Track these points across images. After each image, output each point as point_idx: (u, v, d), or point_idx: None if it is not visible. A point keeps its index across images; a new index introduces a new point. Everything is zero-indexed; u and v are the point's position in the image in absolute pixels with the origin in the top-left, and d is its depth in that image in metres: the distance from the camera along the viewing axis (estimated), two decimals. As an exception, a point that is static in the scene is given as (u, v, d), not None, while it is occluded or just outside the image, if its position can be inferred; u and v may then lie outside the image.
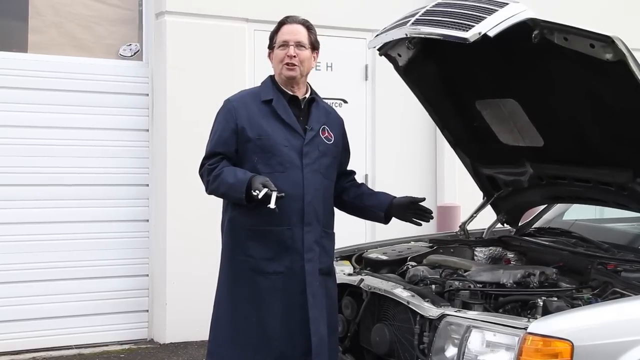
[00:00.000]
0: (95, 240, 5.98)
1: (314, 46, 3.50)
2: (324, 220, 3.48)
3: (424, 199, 3.65)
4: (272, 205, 3.15)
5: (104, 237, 6.01)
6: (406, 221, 3.67)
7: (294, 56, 3.42)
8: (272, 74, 3.56)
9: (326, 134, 3.51)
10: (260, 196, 3.15)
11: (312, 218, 3.40)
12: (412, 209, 3.64)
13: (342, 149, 3.64)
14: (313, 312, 3.36)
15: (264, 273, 3.37)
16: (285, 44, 3.43)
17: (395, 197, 3.67)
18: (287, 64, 3.42)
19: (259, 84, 3.61)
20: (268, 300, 3.36)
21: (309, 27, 3.50)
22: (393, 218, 3.68)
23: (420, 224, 3.69)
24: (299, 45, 3.44)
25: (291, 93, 3.48)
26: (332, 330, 3.49)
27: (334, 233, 3.57)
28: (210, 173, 3.38)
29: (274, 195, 3.16)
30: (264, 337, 3.35)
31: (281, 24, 3.49)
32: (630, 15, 7.60)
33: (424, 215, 3.64)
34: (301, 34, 3.45)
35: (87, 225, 5.96)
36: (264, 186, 3.18)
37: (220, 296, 3.49)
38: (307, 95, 3.53)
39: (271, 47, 3.51)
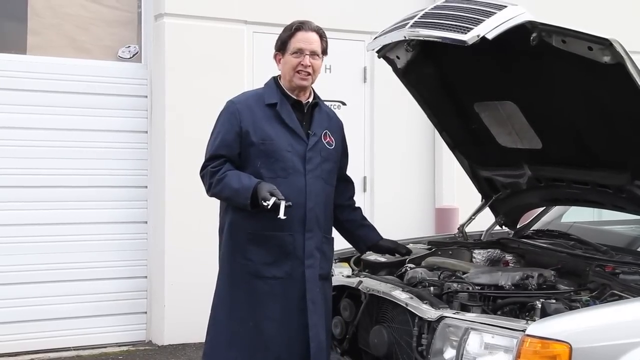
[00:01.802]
0: (93, 242, 5.97)
1: (324, 53, 3.50)
2: (325, 226, 3.48)
3: (408, 254, 3.84)
4: (281, 215, 3.15)
5: (103, 239, 6.01)
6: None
7: (309, 65, 3.40)
8: (275, 75, 3.54)
9: (328, 138, 3.51)
10: (270, 207, 3.15)
11: (313, 224, 3.40)
12: (393, 252, 3.84)
13: (342, 153, 3.64)
14: (312, 318, 3.37)
15: (262, 277, 3.36)
16: (300, 52, 3.40)
17: (382, 238, 3.78)
18: (300, 72, 3.40)
19: (262, 86, 3.58)
20: (266, 304, 3.36)
21: (321, 34, 3.47)
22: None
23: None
24: (313, 54, 3.42)
25: (295, 97, 3.48)
26: (329, 333, 3.52)
27: (333, 238, 3.58)
28: (214, 176, 3.35)
29: (283, 204, 3.16)
30: (260, 340, 3.35)
31: (296, 29, 3.43)
32: (628, 18, 7.61)
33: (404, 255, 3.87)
34: (316, 42, 3.43)
35: (86, 227, 5.95)
36: (272, 194, 3.17)
37: (218, 298, 3.48)
38: (310, 100, 3.52)
39: (281, 50, 3.47)
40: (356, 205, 3.81)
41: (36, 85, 5.82)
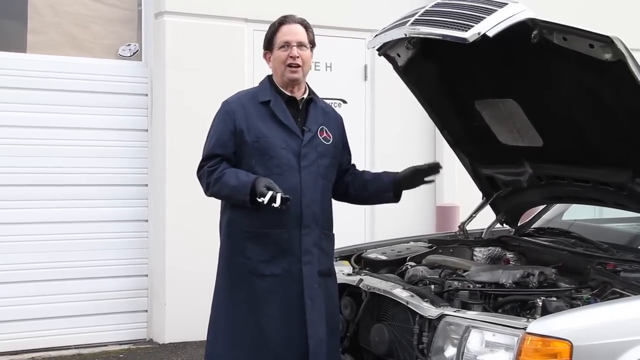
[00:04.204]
0: (94, 240, 5.98)
1: (312, 44, 3.49)
2: (323, 222, 3.47)
3: (426, 166, 3.64)
4: (277, 204, 3.15)
5: (103, 237, 6.01)
6: (418, 186, 3.65)
7: (297, 57, 3.40)
8: (269, 74, 3.54)
9: (324, 134, 3.50)
10: (265, 202, 3.15)
11: (310, 221, 3.39)
12: (418, 176, 3.64)
13: (342, 148, 3.63)
14: (311, 315, 3.35)
15: (261, 275, 3.36)
16: (287, 45, 3.41)
17: (397, 173, 3.64)
18: (291, 65, 3.40)
19: (257, 85, 3.59)
20: (265, 302, 3.35)
21: (306, 26, 3.48)
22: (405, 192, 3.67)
23: (433, 181, 3.69)
24: (300, 45, 3.42)
25: (289, 94, 3.47)
26: (333, 331, 3.49)
27: (333, 234, 3.56)
28: (211, 175, 3.36)
29: (279, 196, 3.16)
30: (261, 339, 3.34)
31: (279, 24, 3.46)
32: (629, 15, 7.60)
33: (432, 173, 3.64)
34: (301, 33, 3.44)
35: (86, 226, 5.95)
36: (268, 189, 3.18)
37: (218, 298, 3.48)
38: (305, 96, 3.51)
39: (269, 47, 3.48)
40: (361, 170, 3.73)
41: (36, 84, 5.81)
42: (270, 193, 3.16)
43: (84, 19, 6.16)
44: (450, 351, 3.09)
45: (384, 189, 3.64)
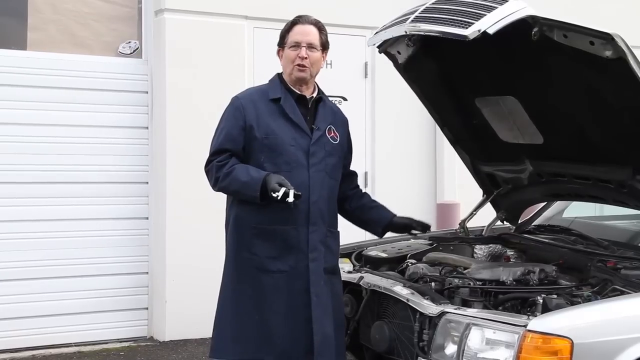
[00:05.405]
0: (94, 237, 5.97)
1: (324, 47, 3.52)
2: (329, 219, 3.49)
3: (425, 230, 3.78)
4: (290, 199, 3.17)
5: (104, 235, 6.00)
6: (402, 233, 3.87)
7: (305, 58, 3.42)
8: (279, 72, 3.56)
9: (332, 133, 3.52)
10: (280, 197, 3.17)
11: (317, 218, 3.41)
12: (409, 228, 3.77)
13: (347, 149, 3.65)
14: (316, 312, 3.37)
15: (268, 271, 3.37)
16: (297, 45, 3.44)
17: (395, 215, 3.73)
18: (298, 65, 3.43)
19: (267, 82, 3.60)
20: (271, 298, 3.37)
21: (320, 27, 3.50)
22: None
23: (415, 235, 3.87)
24: (310, 46, 3.44)
25: (299, 92, 3.49)
26: (338, 328, 3.50)
27: (338, 232, 3.58)
28: (220, 170, 3.37)
29: (292, 193, 3.19)
30: (267, 334, 3.36)
31: (293, 23, 3.48)
32: (630, 12, 7.60)
33: (420, 230, 3.79)
34: (313, 35, 3.46)
35: (87, 223, 5.95)
36: (280, 185, 3.21)
37: (225, 293, 3.49)
38: (315, 95, 3.53)
39: (281, 45, 3.51)
40: (363, 191, 3.82)
41: (36, 81, 5.80)
42: (283, 189, 3.19)
43: (84, 17, 6.16)
44: (451, 349, 3.10)
45: (378, 222, 3.74)
